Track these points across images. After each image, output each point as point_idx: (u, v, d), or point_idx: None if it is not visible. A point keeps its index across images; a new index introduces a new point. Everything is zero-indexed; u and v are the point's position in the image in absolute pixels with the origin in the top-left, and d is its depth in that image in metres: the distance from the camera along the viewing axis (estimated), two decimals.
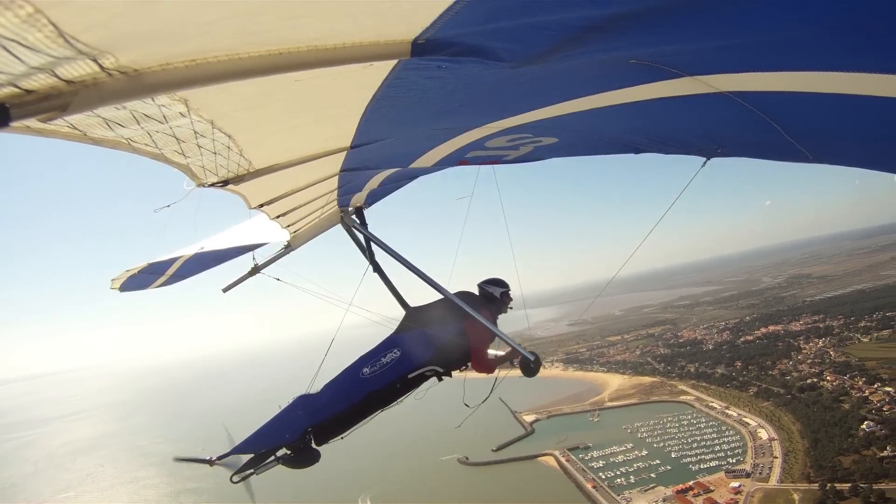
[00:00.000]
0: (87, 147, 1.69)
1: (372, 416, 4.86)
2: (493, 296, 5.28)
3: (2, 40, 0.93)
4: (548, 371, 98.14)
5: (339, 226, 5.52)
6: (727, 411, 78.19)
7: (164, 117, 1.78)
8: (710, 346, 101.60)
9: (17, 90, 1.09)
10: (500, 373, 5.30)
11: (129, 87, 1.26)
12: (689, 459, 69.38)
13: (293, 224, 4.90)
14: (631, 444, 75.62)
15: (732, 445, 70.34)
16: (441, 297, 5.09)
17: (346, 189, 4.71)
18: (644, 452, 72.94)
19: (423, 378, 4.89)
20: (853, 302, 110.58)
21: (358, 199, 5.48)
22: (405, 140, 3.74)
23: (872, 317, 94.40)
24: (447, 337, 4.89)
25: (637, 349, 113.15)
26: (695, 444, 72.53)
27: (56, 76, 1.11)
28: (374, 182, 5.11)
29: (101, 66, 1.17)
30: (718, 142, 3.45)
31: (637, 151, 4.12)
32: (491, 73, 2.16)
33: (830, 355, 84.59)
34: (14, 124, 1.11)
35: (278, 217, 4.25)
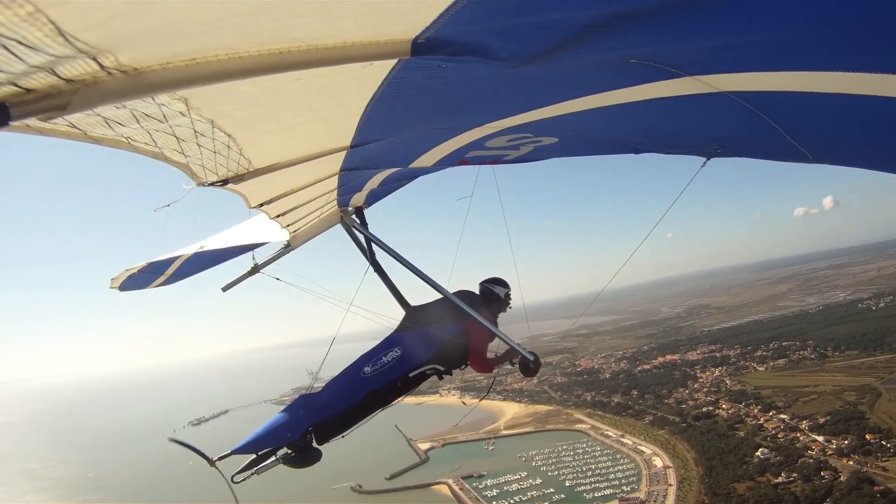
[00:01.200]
0: (85, 145, 1.69)
1: (373, 414, 4.87)
2: (497, 295, 5.31)
3: (2, 39, 0.93)
4: (444, 399, 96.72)
5: (340, 226, 5.52)
6: (622, 439, 78.34)
7: (164, 116, 1.77)
8: (608, 375, 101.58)
9: (17, 89, 1.09)
10: (497, 371, 5.31)
11: (129, 86, 1.26)
12: (583, 488, 69.19)
13: (293, 224, 4.90)
14: (525, 473, 74.86)
15: (627, 473, 70.23)
16: (440, 296, 5.10)
17: (345, 189, 4.71)
18: (538, 481, 72.36)
19: (423, 377, 4.91)
20: (750, 332, 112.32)
21: (358, 198, 5.48)
22: (405, 139, 3.74)
23: (769, 346, 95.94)
24: (448, 336, 4.91)
25: (534, 377, 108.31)
26: (589, 473, 72.28)
27: (56, 75, 1.11)
28: (374, 182, 5.11)
29: (100, 65, 1.16)
30: (718, 142, 3.45)
31: (637, 151, 4.12)
32: (491, 73, 2.16)
33: (726, 384, 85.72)
34: (14, 123, 1.11)
35: (278, 216, 4.25)
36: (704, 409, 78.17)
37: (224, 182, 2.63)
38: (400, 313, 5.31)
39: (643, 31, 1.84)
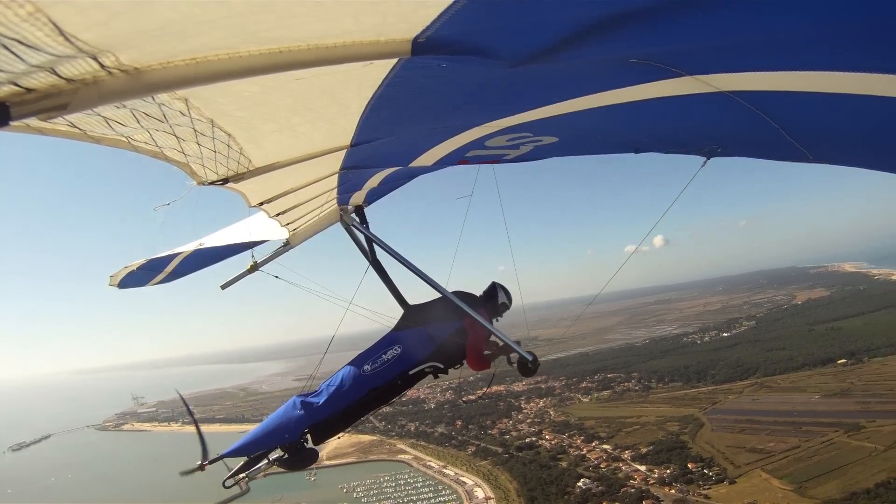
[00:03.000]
0: (82, 144, 1.69)
1: (372, 412, 4.88)
2: (495, 300, 5.35)
3: (2, 39, 0.93)
4: None
5: (339, 224, 5.53)
6: (445, 470, 77.16)
7: (165, 116, 1.78)
8: (433, 405, 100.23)
9: (17, 88, 1.09)
10: (496, 368, 5.34)
11: (129, 85, 1.26)
12: None
13: (292, 222, 4.90)
14: None
15: None
16: (438, 296, 5.11)
17: (345, 187, 4.71)
18: None
19: (422, 375, 4.92)
20: (576, 364, 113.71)
21: (357, 197, 5.48)
22: (405, 139, 3.74)
23: (594, 378, 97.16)
24: (447, 335, 4.92)
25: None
26: None
27: (56, 74, 1.11)
28: (374, 181, 5.11)
29: (101, 65, 1.16)
30: (719, 142, 3.46)
31: (637, 151, 4.13)
32: (491, 72, 2.16)
33: (550, 415, 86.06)
34: (14, 123, 1.11)
35: (278, 215, 4.25)
36: (528, 440, 77.88)
37: (224, 181, 2.63)
38: (395, 313, 5.32)
39: (643, 31, 1.84)
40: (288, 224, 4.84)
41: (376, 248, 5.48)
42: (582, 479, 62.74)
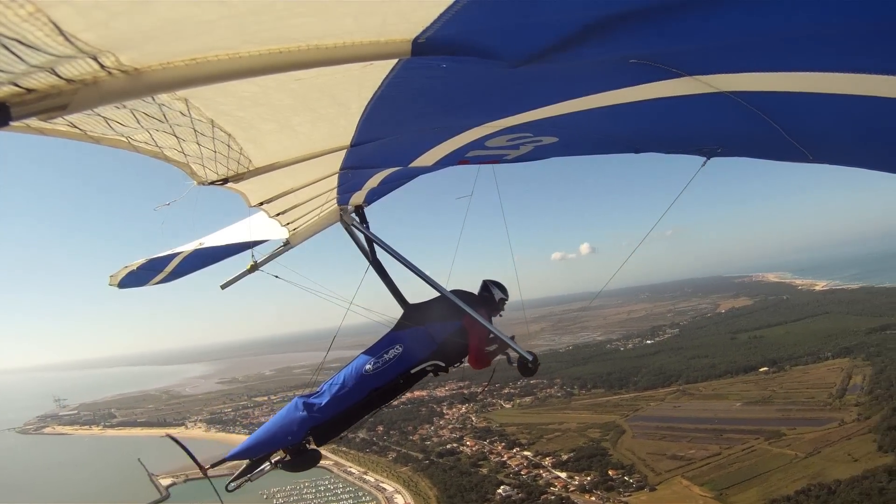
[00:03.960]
0: (81, 143, 1.69)
1: (374, 412, 4.88)
2: (492, 297, 5.34)
3: (2, 39, 0.93)
4: (190, 432, 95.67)
5: (339, 224, 5.53)
6: (365, 476, 76.48)
7: (165, 116, 1.78)
8: None
9: (17, 89, 1.09)
10: (495, 367, 5.36)
11: (129, 85, 1.26)
12: None
13: (292, 222, 4.91)
14: None
15: None
16: (437, 295, 5.12)
17: (345, 187, 4.71)
18: None
19: (423, 374, 4.93)
20: (498, 370, 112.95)
21: (357, 197, 5.48)
22: (405, 139, 3.74)
23: (517, 384, 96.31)
24: (447, 333, 4.93)
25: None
26: None
27: (56, 75, 1.11)
28: (374, 181, 5.11)
29: (101, 65, 1.16)
30: (718, 142, 3.46)
31: (637, 151, 4.13)
32: (491, 73, 2.16)
33: (472, 421, 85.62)
34: (14, 123, 1.11)
35: (278, 215, 4.25)
36: (449, 446, 77.29)
37: (224, 181, 2.64)
38: (395, 312, 5.32)
39: (643, 31, 1.84)
40: (288, 224, 4.84)
41: (376, 247, 5.48)
42: (502, 486, 62.45)
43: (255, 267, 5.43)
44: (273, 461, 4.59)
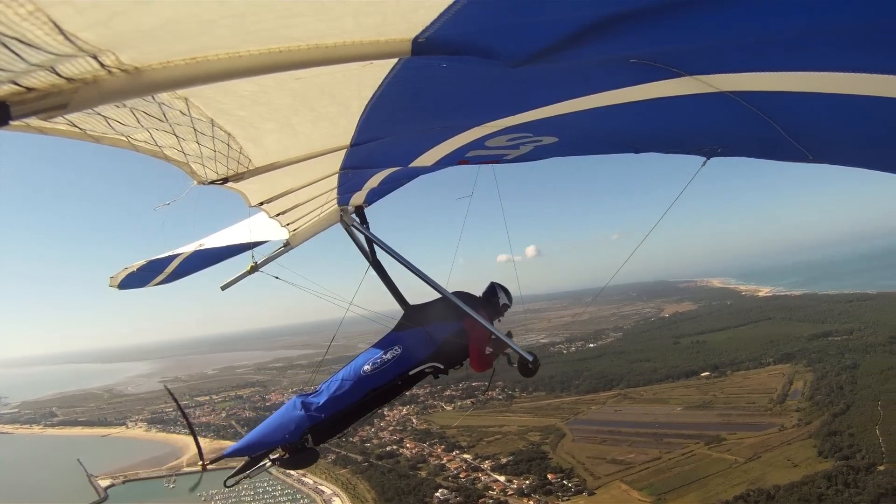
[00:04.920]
0: (80, 143, 1.69)
1: (372, 412, 4.88)
2: (497, 301, 5.35)
3: (2, 38, 0.93)
4: (130, 431, 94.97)
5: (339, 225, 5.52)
6: (304, 479, 74.89)
7: (165, 115, 1.78)
8: None
9: (17, 88, 1.09)
10: (495, 367, 5.35)
11: (129, 84, 1.26)
12: None
13: (293, 222, 4.90)
14: None
15: None
16: (438, 296, 5.11)
17: (345, 188, 4.71)
18: None
19: (422, 375, 4.92)
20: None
21: (358, 197, 5.48)
22: (405, 139, 3.74)
23: (458, 386, 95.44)
24: (447, 335, 4.92)
25: (223, 411, 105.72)
26: None
27: (56, 74, 1.11)
28: (374, 181, 5.12)
29: (101, 64, 1.17)
30: (719, 142, 3.46)
31: (637, 151, 4.13)
32: (491, 72, 2.16)
33: (413, 423, 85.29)
34: (14, 122, 1.11)
35: (278, 215, 4.25)
36: (388, 448, 76.86)
37: (224, 180, 2.64)
38: (395, 313, 5.32)
39: (643, 31, 1.84)
40: (288, 224, 4.84)
41: (376, 248, 5.48)
42: (440, 490, 62.09)
43: (255, 268, 5.42)
44: (272, 458, 4.60)
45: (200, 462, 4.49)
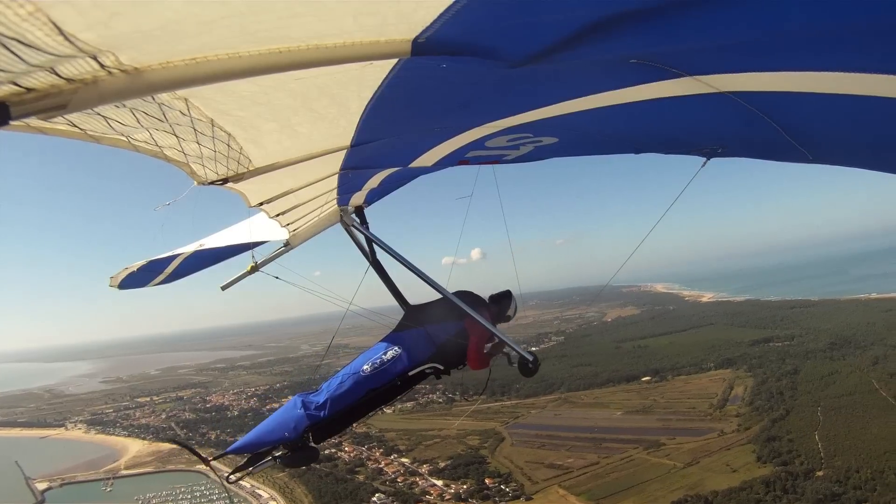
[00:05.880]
0: (80, 143, 1.69)
1: (371, 413, 4.88)
2: (504, 307, 5.36)
3: (2, 38, 0.93)
4: (70, 433, 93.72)
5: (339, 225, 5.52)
6: (241, 482, 72.91)
7: (164, 115, 1.78)
8: (236, 413, 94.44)
9: (17, 88, 1.09)
10: (493, 366, 5.37)
11: (129, 85, 1.26)
12: None
13: (292, 223, 4.90)
14: None
15: None
16: (439, 296, 5.11)
17: (345, 188, 4.71)
18: None
19: (422, 376, 4.92)
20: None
21: (358, 197, 5.48)
22: (405, 139, 3.74)
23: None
24: (448, 335, 4.92)
25: (163, 413, 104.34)
26: None
27: (56, 74, 1.11)
28: (374, 181, 5.12)
29: (101, 65, 1.17)
30: (719, 142, 3.46)
31: (637, 151, 4.13)
32: (491, 73, 2.16)
33: (352, 426, 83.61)
34: (14, 122, 1.11)
35: (278, 216, 4.25)
36: (327, 451, 73.99)
37: (224, 181, 2.64)
38: (395, 314, 5.32)
39: (643, 31, 1.84)
40: (288, 224, 4.84)
41: (376, 248, 5.48)
42: (377, 494, 61.75)
43: (255, 268, 5.42)
44: (274, 455, 4.63)
45: (204, 459, 4.53)
